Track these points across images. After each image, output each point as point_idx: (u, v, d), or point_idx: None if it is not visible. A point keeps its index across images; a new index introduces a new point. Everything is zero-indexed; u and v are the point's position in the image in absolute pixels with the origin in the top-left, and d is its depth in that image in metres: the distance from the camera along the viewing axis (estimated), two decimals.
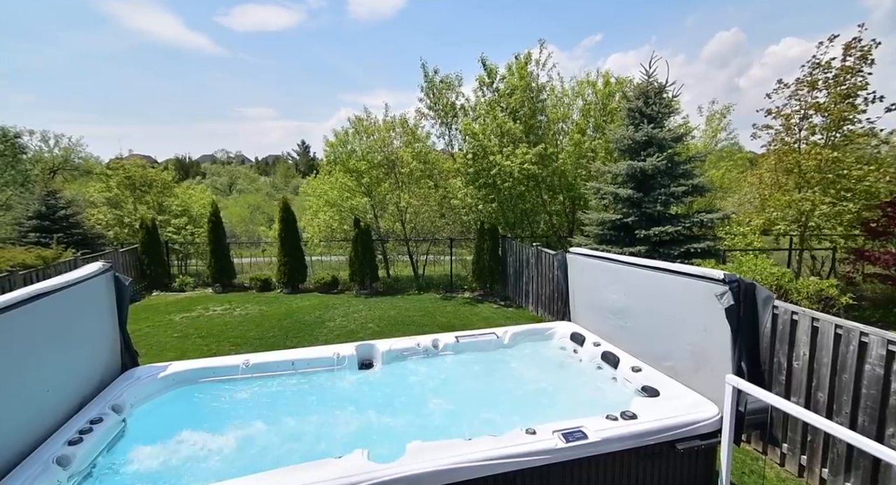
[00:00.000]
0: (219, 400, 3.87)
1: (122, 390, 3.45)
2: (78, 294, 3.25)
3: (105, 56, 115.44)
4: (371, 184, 12.19)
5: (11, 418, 2.54)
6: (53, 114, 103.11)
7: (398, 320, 8.95)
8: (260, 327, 8.72)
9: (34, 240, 11.71)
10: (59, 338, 3.03)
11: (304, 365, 4.22)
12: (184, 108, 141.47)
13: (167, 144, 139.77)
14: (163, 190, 15.37)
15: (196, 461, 3.05)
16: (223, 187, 41.65)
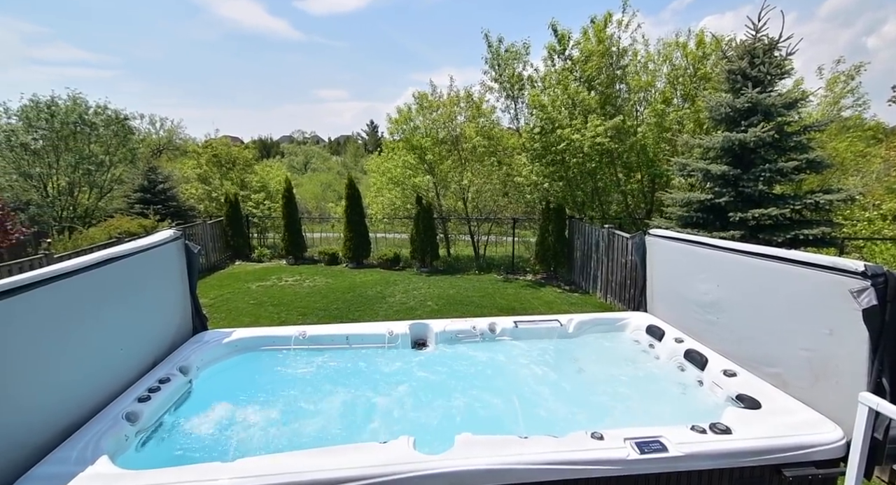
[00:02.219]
0: (275, 369, 3.95)
1: (190, 353, 3.62)
2: (150, 259, 3.41)
3: (201, 45, 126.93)
4: (434, 161, 11.99)
5: (84, 374, 2.71)
6: (160, 100, 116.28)
7: (457, 300, 8.78)
8: (326, 299, 9.05)
9: (138, 211, 13.21)
10: (131, 300, 3.20)
11: (357, 340, 4.18)
12: (267, 91, 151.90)
13: (252, 125, 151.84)
14: (244, 167, 16.48)
15: (248, 428, 3.11)
16: (299, 166, 44.24)
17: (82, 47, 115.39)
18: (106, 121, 15.12)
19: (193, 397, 3.35)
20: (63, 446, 2.40)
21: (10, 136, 13.48)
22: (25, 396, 2.26)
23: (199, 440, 3.01)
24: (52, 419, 2.44)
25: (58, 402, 2.49)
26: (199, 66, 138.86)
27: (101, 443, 2.42)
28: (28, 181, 14.02)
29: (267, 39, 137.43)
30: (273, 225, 15.90)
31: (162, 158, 25.51)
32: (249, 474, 2.19)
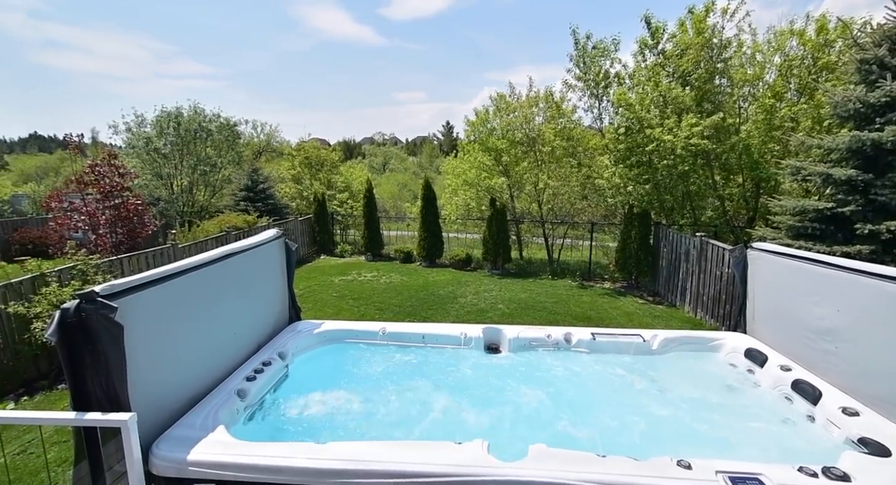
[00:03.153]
0: (358, 361, 4.25)
1: (287, 340, 4.04)
2: (258, 255, 3.86)
3: (296, 55, 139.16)
4: (509, 163, 11.91)
5: (206, 353, 3.16)
6: (261, 106, 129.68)
7: (528, 305, 8.66)
8: (400, 296, 9.45)
9: (243, 208, 14.87)
10: (243, 290, 3.65)
11: (433, 340, 4.33)
12: (351, 95, 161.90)
13: (338, 127, 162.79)
14: (331, 168, 17.74)
15: (333, 413, 3.40)
16: (378, 167, 46.55)
17: (201, 61, 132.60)
18: (219, 127, 17.23)
19: (289, 381, 3.74)
20: (190, 413, 2.83)
21: (147, 142, 15.93)
22: (166, 370, 2.70)
23: (294, 420, 3.35)
24: (183, 391, 2.89)
25: (188, 376, 2.94)
26: (294, 74, 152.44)
27: (218, 414, 2.81)
28: (159, 180, 16.45)
29: (352, 47, 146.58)
30: (354, 223, 16.94)
31: (261, 160, 28.41)
32: (340, 457, 2.40)
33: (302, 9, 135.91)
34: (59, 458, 4.13)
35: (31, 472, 3.91)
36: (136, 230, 10.39)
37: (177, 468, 2.40)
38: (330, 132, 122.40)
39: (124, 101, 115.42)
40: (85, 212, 9.91)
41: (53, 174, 30.43)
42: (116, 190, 10.10)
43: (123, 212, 10.16)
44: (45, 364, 6.26)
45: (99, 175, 9.97)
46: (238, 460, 2.38)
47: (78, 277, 6.78)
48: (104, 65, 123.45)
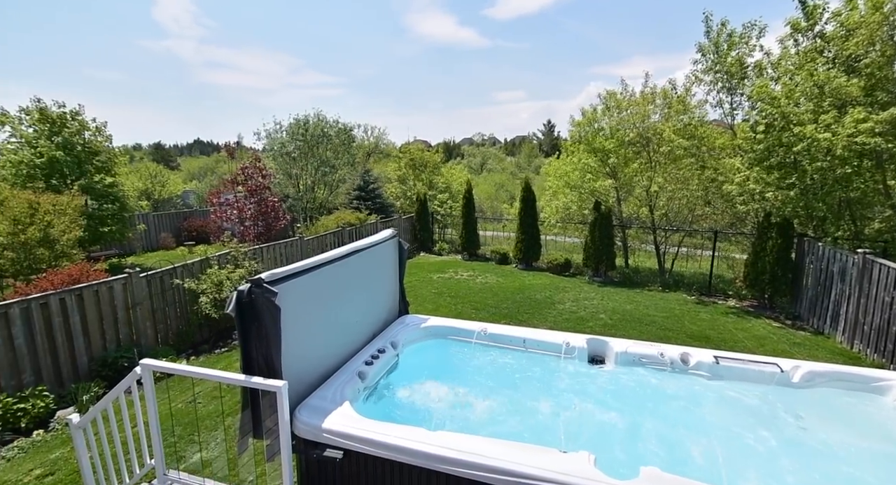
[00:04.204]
0: (460, 358, 4.43)
1: (398, 332, 4.39)
2: (376, 253, 4.26)
3: (404, 60, 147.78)
4: (617, 164, 11.20)
5: (336, 336, 3.61)
6: (372, 110, 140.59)
7: (634, 317, 8.08)
8: (496, 297, 9.54)
9: (355, 206, 16.34)
10: (364, 284, 4.07)
11: (534, 345, 4.32)
12: (452, 97, 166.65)
13: (439, 129, 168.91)
14: (433, 169, 18.53)
15: (436, 403, 3.61)
16: (476, 167, 47.22)
17: (323, 72, 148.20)
18: (337, 132, 19.12)
19: (399, 369, 4.07)
20: (322, 387, 3.27)
21: (281, 145, 18.36)
22: (306, 347, 3.16)
23: (401, 404, 3.66)
24: (317, 367, 3.34)
25: (321, 354, 3.40)
26: (401, 79, 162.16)
27: (344, 391, 3.20)
28: (288, 180, 18.84)
29: (455, 50, 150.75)
30: (453, 222, 17.49)
31: (370, 161, 30.82)
32: (447, 446, 2.57)
33: (411, 17, 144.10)
34: (216, 410, 5.06)
35: (200, 417, 4.87)
36: (272, 224, 12.10)
37: (313, 433, 2.81)
38: (431, 134, 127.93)
39: (263, 111, 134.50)
40: (235, 207, 11.84)
41: (210, 174, 36.74)
42: (260, 189, 11.88)
43: (264, 208, 11.90)
44: (206, 331, 7.69)
45: (247, 176, 11.83)
46: (361, 434, 2.69)
47: (231, 262, 8.18)
48: (249, 79, 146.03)
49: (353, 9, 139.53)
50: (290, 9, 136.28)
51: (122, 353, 6.23)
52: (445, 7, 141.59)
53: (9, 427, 4.83)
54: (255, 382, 2.62)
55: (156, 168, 27.22)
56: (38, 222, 7.59)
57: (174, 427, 4.60)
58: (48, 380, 5.47)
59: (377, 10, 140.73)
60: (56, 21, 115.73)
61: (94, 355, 6.03)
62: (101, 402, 2.93)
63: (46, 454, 4.38)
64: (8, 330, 5.13)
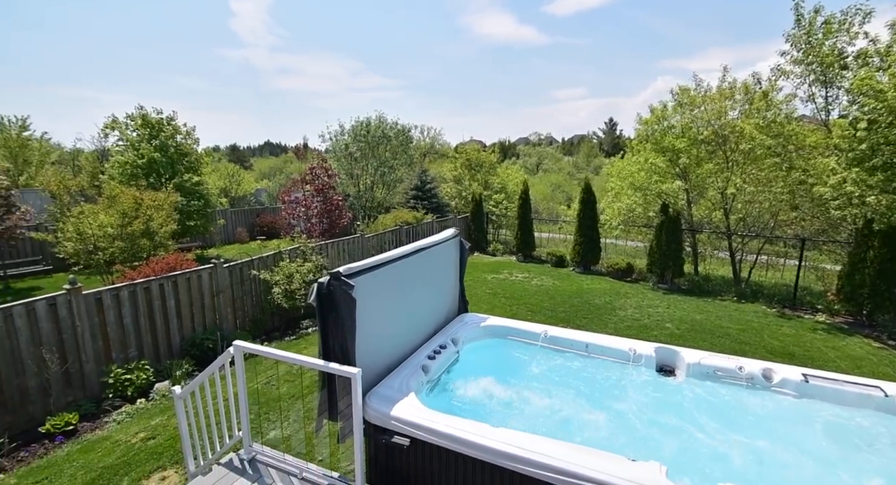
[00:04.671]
0: (520, 358, 4.44)
1: (458, 329, 4.48)
2: (439, 251, 4.39)
3: (461, 61, 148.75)
4: (688, 165, 10.53)
5: (402, 330, 3.77)
6: (428, 111, 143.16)
7: (705, 328, 7.57)
8: (552, 300, 9.37)
9: (412, 205, 16.76)
10: (427, 281, 4.21)
11: (597, 350, 4.22)
12: (509, 96, 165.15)
13: (494, 129, 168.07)
14: (489, 169, 18.51)
15: (492, 401, 3.66)
16: (531, 167, 46.45)
17: (383, 74, 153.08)
18: (396, 133, 19.70)
19: (459, 365, 4.16)
20: (389, 377, 3.44)
21: (345, 147, 19.26)
22: (376, 338, 3.34)
23: (462, 400, 3.74)
24: (385, 358, 3.52)
25: (389, 346, 3.58)
26: (457, 80, 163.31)
27: (409, 382, 3.34)
28: (349, 180, 19.71)
29: (514, 48, 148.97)
30: (507, 223, 17.37)
31: (425, 161, 31.38)
32: (515, 443, 2.61)
33: (469, 17, 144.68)
34: (288, 393, 5.47)
35: (272, 399, 5.29)
36: (336, 221, 12.76)
37: (382, 419, 2.97)
38: (486, 134, 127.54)
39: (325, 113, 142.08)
40: (304, 204, 12.62)
41: (279, 173, 39.37)
42: (325, 188, 12.57)
43: (329, 205, 12.58)
44: (277, 320, 8.30)
45: (315, 175, 12.57)
46: (428, 424, 2.81)
47: (300, 256, 8.76)
48: (314, 84, 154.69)
49: (412, 12, 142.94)
50: (353, 15, 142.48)
51: (207, 335, 6.91)
52: (504, 6, 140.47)
53: (118, 394, 5.55)
54: (333, 367, 2.82)
55: (233, 168, 29.68)
56: (142, 216, 8.61)
57: (253, 405, 5.04)
58: (148, 355, 6.21)
59: (435, 12, 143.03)
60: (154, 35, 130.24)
61: (185, 336, 6.74)
62: (199, 376, 3.30)
63: (148, 420, 4.98)
64: (118, 310, 5.89)
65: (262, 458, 3.26)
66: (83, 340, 5.46)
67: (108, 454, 4.31)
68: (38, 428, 4.83)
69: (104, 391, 5.55)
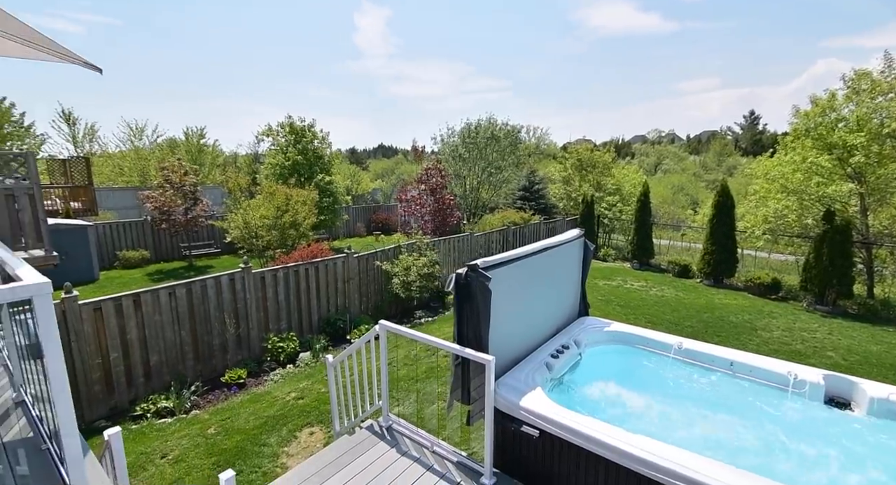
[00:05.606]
0: (648, 369, 4.17)
1: (580, 331, 4.39)
2: (564, 251, 4.35)
3: (571, 58, 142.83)
4: (864, 164, 8.69)
5: (527, 324, 3.84)
6: (534, 111, 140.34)
7: (884, 362, 6.21)
8: (675, 313, 8.54)
9: (518, 206, 16.68)
10: (551, 280, 4.21)
11: (744, 370, 3.77)
12: (622, 92, 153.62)
13: (605, 126, 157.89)
14: (602, 170, 17.54)
15: (617, 409, 3.49)
16: (648, 167, 42.59)
17: (491, 76, 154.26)
18: (506, 134, 19.76)
19: (582, 367, 4.08)
20: (515, 369, 3.54)
21: (454, 148, 19.95)
22: (505, 330, 3.46)
23: (586, 402, 3.66)
24: (512, 350, 3.63)
25: (516, 339, 3.68)
26: (565, 78, 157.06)
27: (534, 376, 3.40)
28: (458, 180, 20.35)
29: (634, 38, 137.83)
30: (621, 227, 16.26)
31: (530, 161, 30.85)
32: (649, 450, 2.50)
33: (582, 11, 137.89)
34: (407, 375, 5.93)
35: (400, 378, 5.78)
36: (446, 219, 13.33)
37: (510, 407, 3.08)
38: (597, 132, 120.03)
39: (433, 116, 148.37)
40: (418, 202, 13.44)
41: (391, 174, 42.39)
42: (439, 187, 13.21)
43: (441, 204, 13.20)
44: (395, 308, 9.01)
45: (429, 175, 13.29)
46: (558, 418, 2.83)
47: (416, 251, 9.39)
48: (424, 89, 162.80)
49: (522, 13, 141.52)
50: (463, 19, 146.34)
51: (339, 316, 7.83)
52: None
53: (273, 359, 6.60)
54: (469, 352, 3.01)
55: (353, 169, 32.86)
56: (291, 210, 10.07)
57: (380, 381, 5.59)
58: (295, 328, 7.26)
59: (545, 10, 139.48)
60: (295, 55, 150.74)
61: (321, 315, 7.72)
62: (349, 348, 3.79)
63: (296, 383, 5.84)
64: (276, 288, 7.00)
65: (398, 428, 3.61)
66: (250, 310, 6.62)
67: (269, 406, 5.18)
68: (219, 378, 6.02)
69: (263, 355, 6.66)
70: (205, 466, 4.07)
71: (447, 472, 3.09)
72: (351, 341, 7.45)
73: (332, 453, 3.34)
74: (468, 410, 3.31)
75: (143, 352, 5.52)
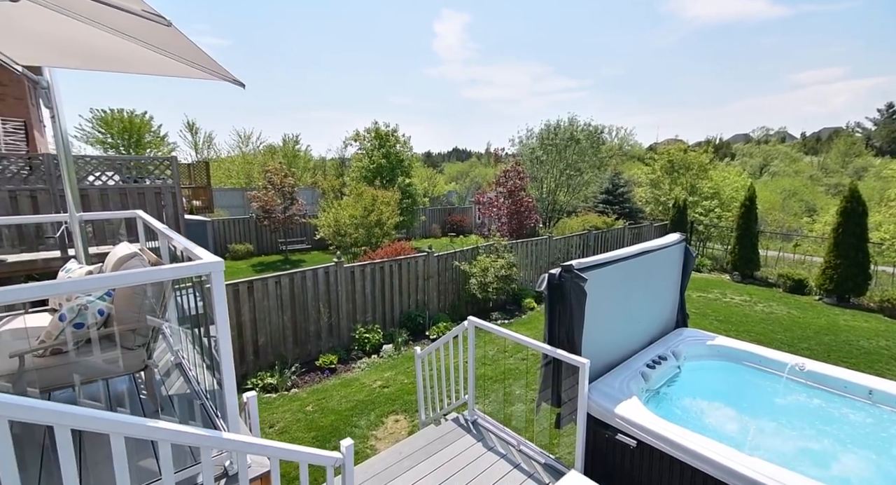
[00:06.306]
0: (759, 389, 3.76)
1: (678, 343, 4.09)
2: (662, 256, 4.08)
3: (659, 52, 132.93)
4: None
5: (621, 330, 3.68)
6: (616, 109, 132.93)
7: None
8: (788, 333, 7.56)
9: (600, 209, 15.92)
10: (648, 286, 3.98)
11: (888, 401, 3.23)
12: (721, 87, 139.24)
13: (697, 126, 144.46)
14: (698, 172, 16.09)
15: (719, 427, 3.18)
16: (753, 169, 38.07)
17: (569, 75, 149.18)
18: (587, 135, 18.97)
19: (681, 381, 3.80)
20: (609, 374, 3.41)
21: (532, 151, 19.62)
22: (599, 334, 3.36)
23: (686, 419, 3.40)
24: (604, 355, 3.50)
25: (609, 344, 3.55)
26: (652, 74, 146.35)
27: (630, 385, 3.24)
28: (534, 183, 19.96)
29: (736, 27, 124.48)
30: (719, 235, 14.78)
31: (611, 163, 29.20)
32: (771, 476, 2.26)
33: (675, 2, 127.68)
34: (484, 375, 5.96)
35: (485, 376, 5.84)
36: (523, 222, 13.18)
37: (604, 414, 2.98)
38: (687, 131, 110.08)
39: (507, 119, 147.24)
40: (496, 205, 13.45)
41: (465, 177, 42.85)
42: (517, 189, 13.11)
43: (519, 206, 13.08)
44: (471, 308, 9.11)
45: (508, 178, 13.24)
46: (662, 431, 2.67)
47: (494, 252, 9.41)
48: (499, 92, 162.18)
49: (607, 9, 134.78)
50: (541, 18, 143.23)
51: (419, 312, 8.12)
52: None
53: (360, 348, 7.05)
54: (561, 354, 2.97)
55: (430, 172, 33.81)
56: (376, 210, 10.68)
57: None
58: (379, 321, 7.67)
59: (634, 4, 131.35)
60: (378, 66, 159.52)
61: (402, 310, 8.06)
62: (437, 341, 3.93)
63: (381, 373, 6.18)
64: (363, 282, 7.46)
65: (483, 423, 3.67)
66: (341, 302, 7.14)
67: (358, 392, 5.54)
68: (314, 361, 6.58)
69: (351, 343, 7.15)
70: (305, 439, 4.48)
71: (535, 472, 3.07)
72: (429, 337, 7.69)
73: (421, 440, 3.50)
74: (557, 412, 3.26)
75: (253, 333, 6.23)
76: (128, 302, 2.09)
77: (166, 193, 6.60)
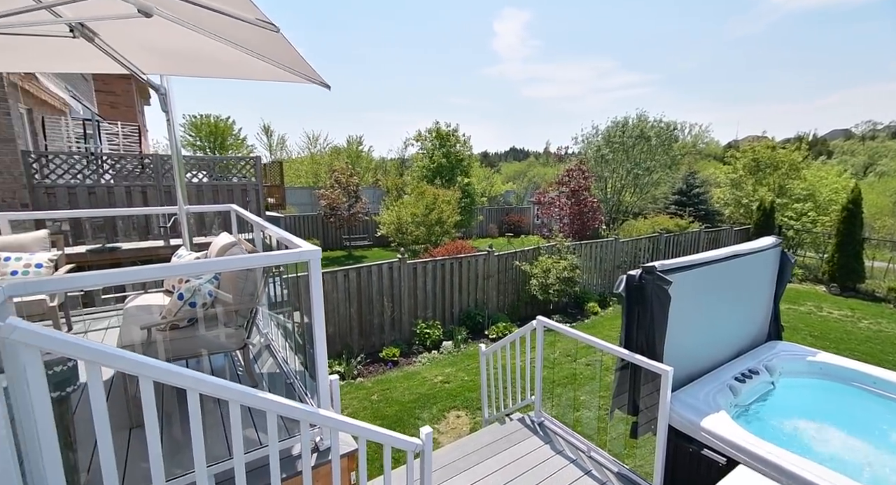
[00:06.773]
0: (869, 412, 3.30)
1: (771, 357, 3.71)
2: (754, 261, 3.73)
3: (740, 42, 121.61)
4: None
5: (707, 338, 3.41)
6: (689, 105, 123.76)
7: None
8: None
9: (672, 211, 14.90)
10: (737, 293, 3.65)
11: None
12: (813, 78, 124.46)
13: (786, 121, 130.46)
14: (788, 171, 14.54)
15: (821, 453, 2.82)
16: (856, 169, 33.62)
17: (637, 70, 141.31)
18: (657, 133, 17.82)
19: (775, 398, 3.44)
20: (692, 385, 3.18)
21: (597, 149, 18.83)
22: (682, 340, 3.14)
23: (779, 439, 3.08)
24: (688, 364, 3.27)
25: (693, 352, 3.31)
26: (731, 67, 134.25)
27: (717, 398, 3.00)
28: (598, 183, 19.13)
29: (829, 12, 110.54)
30: (813, 241, 13.24)
31: (684, 162, 27.17)
32: None
33: None
34: (548, 378, 5.81)
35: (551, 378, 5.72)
36: (587, 223, 12.69)
37: (688, 427, 2.78)
38: (773, 127, 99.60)
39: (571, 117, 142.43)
40: (558, 205, 13.08)
41: (523, 177, 42.14)
42: (581, 189, 12.66)
43: (582, 207, 12.62)
44: (530, 308, 8.93)
45: (571, 177, 12.83)
46: (760, 452, 2.44)
47: (556, 253, 9.15)
48: (559, 89, 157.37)
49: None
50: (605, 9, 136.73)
51: (478, 311, 8.11)
52: None
53: (420, 343, 7.19)
54: (640, 359, 2.81)
55: (488, 171, 33.66)
56: (437, 208, 10.84)
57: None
58: (438, 318, 7.77)
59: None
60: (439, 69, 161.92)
61: (462, 308, 8.10)
62: (503, 340, 3.90)
63: (441, 368, 6.26)
64: (424, 278, 7.60)
65: (550, 425, 3.58)
66: (403, 297, 7.33)
67: (420, 385, 5.66)
68: (377, 353, 6.82)
69: (412, 338, 7.31)
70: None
71: (607, 480, 2.94)
72: (488, 336, 7.66)
73: (486, 437, 3.49)
74: (633, 421, 3.09)
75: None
76: (232, 285, 2.31)
77: (251, 190, 7.18)
